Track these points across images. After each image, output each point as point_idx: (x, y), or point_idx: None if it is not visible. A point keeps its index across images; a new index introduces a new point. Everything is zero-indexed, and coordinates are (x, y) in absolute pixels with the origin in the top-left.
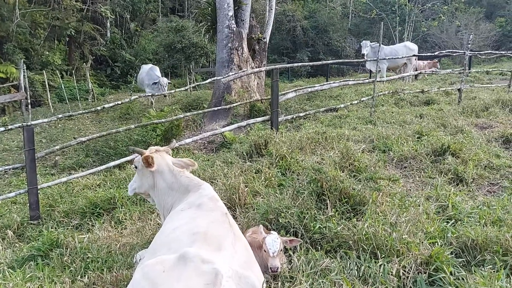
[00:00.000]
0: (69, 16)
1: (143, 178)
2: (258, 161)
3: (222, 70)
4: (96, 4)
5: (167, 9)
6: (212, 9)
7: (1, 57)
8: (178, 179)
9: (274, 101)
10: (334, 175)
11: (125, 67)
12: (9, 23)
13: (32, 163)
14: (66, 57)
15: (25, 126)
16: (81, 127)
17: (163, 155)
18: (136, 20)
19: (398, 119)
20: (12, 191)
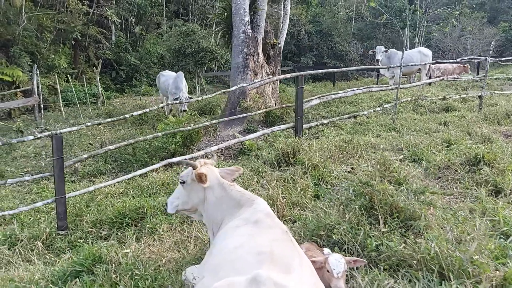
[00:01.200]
0: (75, 20)
1: (191, 194)
2: (288, 170)
3: (238, 75)
4: (102, 7)
5: (172, 13)
6: (228, 15)
7: (8, 61)
8: (228, 193)
9: (299, 108)
10: (383, 188)
11: (130, 71)
12: (15, 26)
13: (60, 172)
14: (71, 60)
15: (54, 134)
16: (95, 133)
17: (212, 169)
18: (141, 24)
19: (423, 127)
20: (35, 199)
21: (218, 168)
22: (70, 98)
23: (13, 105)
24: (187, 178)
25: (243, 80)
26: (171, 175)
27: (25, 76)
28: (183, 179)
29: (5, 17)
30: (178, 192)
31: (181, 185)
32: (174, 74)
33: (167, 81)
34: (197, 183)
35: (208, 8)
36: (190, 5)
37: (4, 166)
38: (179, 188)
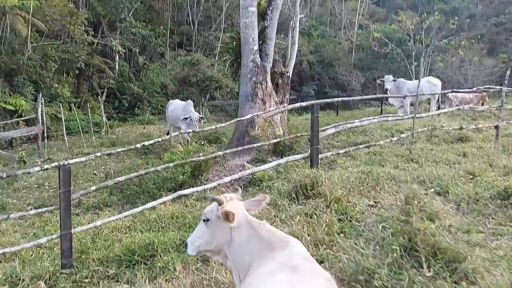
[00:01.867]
0: (79, 50)
1: (216, 233)
2: (307, 204)
3: (246, 104)
4: (106, 38)
5: (175, 43)
6: (237, 44)
7: (11, 90)
8: (258, 232)
9: (315, 138)
10: (424, 227)
11: (133, 100)
12: (20, 56)
13: (67, 206)
14: (74, 89)
15: (61, 165)
16: (99, 162)
17: (238, 205)
18: (145, 54)
19: (442, 158)
20: (37, 234)
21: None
22: (73, 127)
23: (16, 134)
24: (212, 215)
25: (252, 109)
26: (180, 208)
27: (28, 105)
28: (207, 217)
29: (10, 47)
30: (201, 231)
31: (204, 223)
32: (183, 103)
33: (176, 110)
34: (223, 222)
35: (211, 39)
36: (193, 35)
37: (6, 198)
38: (202, 226)
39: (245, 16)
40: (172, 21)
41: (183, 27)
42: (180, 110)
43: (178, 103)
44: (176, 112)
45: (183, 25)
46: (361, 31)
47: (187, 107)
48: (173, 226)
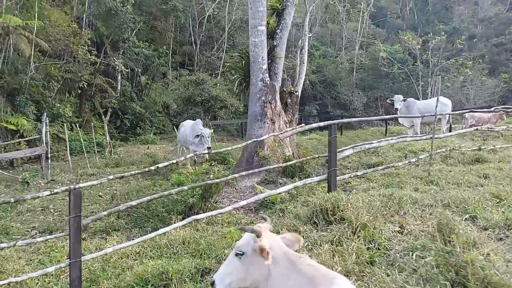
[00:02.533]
0: (82, 69)
1: (251, 269)
2: (329, 229)
3: (255, 123)
4: (109, 57)
5: (177, 63)
6: (246, 63)
7: (13, 109)
8: (298, 267)
9: (332, 159)
10: (471, 258)
11: (135, 119)
12: (23, 75)
13: (77, 232)
14: (76, 109)
15: (72, 189)
16: (104, 183)
17: (274, 237)
18: (147, 74)
19: (462, 180)
20: (43, 261)
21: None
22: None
23: (20, 154)
24: (247, 248)
25: (261, 129)
26: (191, 232)
27: (29, 125)
28: (242, 250)
29: (13, 66)
30: (232, 266)
31: (237, 258)
32: (192, 122)
33: (186, 131)
34: (259, 256)
35: (213, 59)
36: (195, 55)
37: (9, 222)
38: (234, 261)
39: (254, 35)
40: (174, 41)
41: (185, 47)
42: (189, 130)
43: (188, 123)
44: (186, 133)
45: (185, 45)
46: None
47: (195, 126)
48: (186, 252)
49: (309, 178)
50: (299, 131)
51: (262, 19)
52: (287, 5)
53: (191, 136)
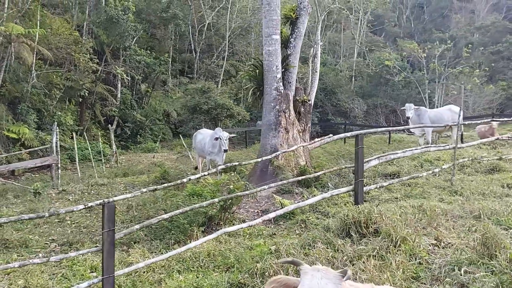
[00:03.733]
0: (83, 77)
1: None
2: (367, 243)
3: (270, 132)
4: (110, 65)
5: (177, 71)
6: (260, 72)
7: (14, 118)
8: None
9: (360, 170)
10: None
11: (135, 127)
12: (24, 83)
13: (111, 247)
14: (77, 117)
15: (106, 203)
16: (116, 194)
17: None
18: (147, 82)
19: (487, 190)
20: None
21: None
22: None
23: (30, 164)
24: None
25: (275, 138)
26: (215, 244)
27: (31, 133)
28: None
29: (15, 74)
30: None
31: None
32: (211, 132)
33: (204, 139)
34: None
35: (213, 67)
36: (195, 63)
37: (27, 234)
38: None
39: (268, 44)
40: (174, 49)
41: (184, 54)
42: (208, 139)
43: (206, 132)
44: (204, 142)
45: (184, 53)
46: (360, 58)
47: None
48: (214, 266)
49: (336, 189)
50: (328, 141)
51: (276, 27)
52: (301, 14)
53: (211, 146)
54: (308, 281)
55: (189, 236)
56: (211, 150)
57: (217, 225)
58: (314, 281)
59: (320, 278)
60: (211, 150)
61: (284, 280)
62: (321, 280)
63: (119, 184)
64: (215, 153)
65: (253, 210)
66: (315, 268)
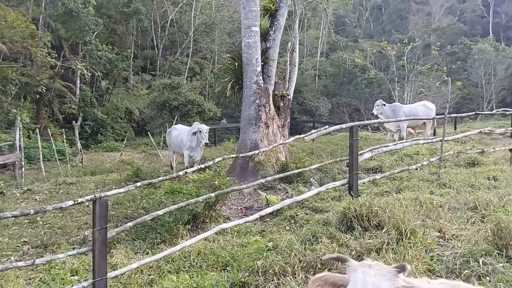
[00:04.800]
0: (40, 73)
1: None
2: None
3: (249, 127)
4: (69, 60)
5: (139, 68)
6: (239, 65)
7: None
8: None
9: (354, 163)
10: None
11: (96, 126)
12: None
13: (103, 247)
14: (33, 115)
15: (98, 198)
16: (88, 193)
17: None
18: (108, 78)
19: (474, 182)
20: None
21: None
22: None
23: None
24: None
25: (255, 133)
26: (204, 243)
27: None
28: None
29: None
30: None
31: None
32: (188, 128)
33: (180, 135)
34: None
35: (177, 64)
36: (158, 60)
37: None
38: None
39: (247, 36)
40: (136, 45)
41: (147, 51)
42: (185, 135)
43: (182, 127)
44: (180, 137)
45: (146, 49)
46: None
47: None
48: (206, 265)
49: (331, 183)
50: (324, 133)
51: (256, 19)
52: (280, 5)
53: (189, 140)
54: (360, 278)
55: (174, 235)
56: (189, 145)
57: (202, 223)
58: (367, 278)
59: (373, 275)
60: (189, 145)
61: (331, 278)
62: (374, 277)
63: (89, 183)
64: (193, 148)
65: (236, 207)
66: (365, 264)
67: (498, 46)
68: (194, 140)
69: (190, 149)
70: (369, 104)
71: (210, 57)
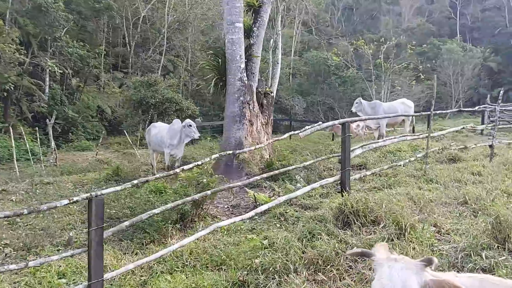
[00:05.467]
0: (8, 70)
1: None
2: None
3: (234, 125)
4: (38, 57)
5: (110, 65)
6: (222, 61)
7: None
8: None
9: (346, 159)
10: None
11: (66, 125)
12: None
13: (99, 247)
14: (1, 114)
15: (94, 197)
16: (66, 193)
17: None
18: (79, 76)
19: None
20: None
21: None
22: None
23: None
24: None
25: (239, 130)
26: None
27: None
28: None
29: None
30: None
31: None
32: (167, 126)
33: (160, 133)
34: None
35: (150, 61)
36: (130, 57)
37: None
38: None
39: (231, 32)
40: (107, 43)
41: (118, 48)
42: (165, 132)
43: (161, 125)
44: (161, 135)
45: (118, 47)
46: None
47: (174, 127)
48: (200, 264)
49: (324, 180)
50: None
51: (240, 15)
52: (263, 2)
53: (169, 138)
54: (386, 273)
55: (163, 235)
56: (170, 142)
57: (191, 222)
58: (394, 273)
59: (400, 269)
60: (170, 143)
61: None
62: (401, 271)
63: (66, 183)
64: (175, 146)
65: (222, 206)
66: (391, 258)
67: (466, 47)
68: (175, 137)
69: (171, 147)
70: (343, 102)
71: (183, 55)
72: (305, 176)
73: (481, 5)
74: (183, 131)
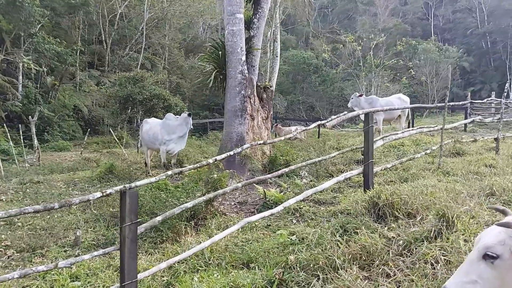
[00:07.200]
0: None
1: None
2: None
3: (235, 119)
4: (13, 54)
5: (86, 63)
6: (222, 53)
7: None
8: None
9: (370, 151)
10: None
11: (42, 124)
12: None
13: (133, 245)
14: None
15: (128, 189)
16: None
17: None
18: (54, 74)
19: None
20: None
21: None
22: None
23: None
24: (504, 250)
25: (241, 125)
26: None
27: None
28: (496, 252)
29: None
30: (477, 273)
31: (485, 262)
32: (159, 121)
33: (153, 129)
34: None
35: (127, 59)
36: (106, 55)
37: None
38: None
39: (232, 23)
40: (82, 40)
41: (94, 46)
42: (159, 128)
43: (154, 120)
44: (154, 131)
45: (93, 44)
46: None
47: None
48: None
49: (348, 172)
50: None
51: (240, 5)
52: None
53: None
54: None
55: (176, 232)
56: (166, 138)
57: (202, 219)
58: None
59: None
60: (166, 138)
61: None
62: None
63: (57, 182)
64: (174, 140)
65: (229, 203)
66: None
67: (441, 46)
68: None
69: (168, 143)
70: (323, 101)
71: (162, 52)
72: (312, 171)
73: (452, 7)
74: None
